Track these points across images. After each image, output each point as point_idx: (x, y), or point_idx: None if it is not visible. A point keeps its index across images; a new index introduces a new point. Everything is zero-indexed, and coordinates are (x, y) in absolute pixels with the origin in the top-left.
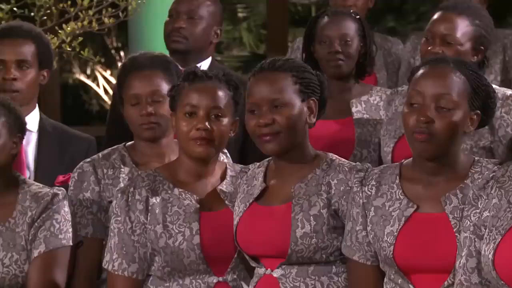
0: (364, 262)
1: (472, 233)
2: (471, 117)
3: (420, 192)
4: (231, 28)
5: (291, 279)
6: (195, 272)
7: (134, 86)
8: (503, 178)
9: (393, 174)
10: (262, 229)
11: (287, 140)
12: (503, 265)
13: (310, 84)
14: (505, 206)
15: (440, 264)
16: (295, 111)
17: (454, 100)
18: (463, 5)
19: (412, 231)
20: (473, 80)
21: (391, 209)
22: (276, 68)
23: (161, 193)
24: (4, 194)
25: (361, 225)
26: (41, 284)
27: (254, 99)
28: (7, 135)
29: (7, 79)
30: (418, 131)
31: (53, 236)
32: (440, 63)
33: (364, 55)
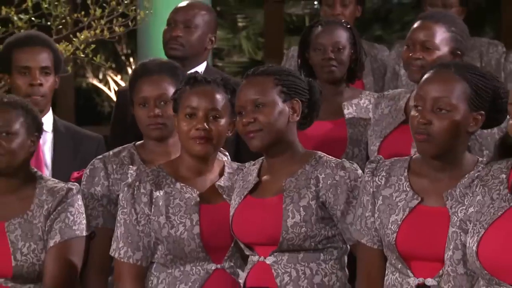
0: (371, 246)
1: (458, 228)
2: (475, 117)
3: (425, 186)
4: (231, 36)
5: (283, 266)
6: (195, 259)
7: (143, 90)
8: (487, 177)
9: (402, 167)
10: (256, 219)
11: (268, 136)
12: (486, 256)
13: (293, 86)
14: (488, 202)
15: (438, 253)
16: (276, 110)
17: (452, 102)
18: (440, 14)
19: (414, 221)
20: (475, 82)
21: (397, 199)
22: (258, 73)
23: (164, 187)
24: (22, 188)
25: (370, 211)
26: (57, 272)
27: (240, 101)
28: (25, 134)
29: (35, 85)
30: (418, 132)
31: (67, 227)
32: (442, 69)
33: (355, 61)
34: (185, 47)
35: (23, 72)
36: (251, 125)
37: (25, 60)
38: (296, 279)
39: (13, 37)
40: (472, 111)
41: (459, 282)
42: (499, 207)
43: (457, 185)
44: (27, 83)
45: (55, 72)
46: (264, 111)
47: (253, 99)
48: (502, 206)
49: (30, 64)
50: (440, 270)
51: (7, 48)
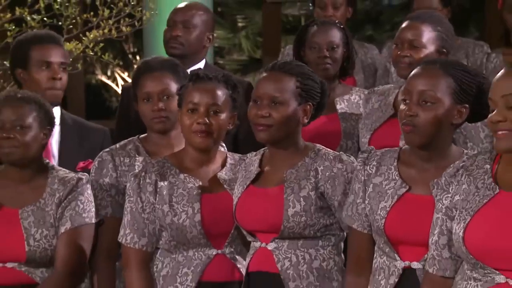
0: (361, 230)
1: (444, 214)
2: (459, 110)
3: (413, 175)
4: (231, 36)
5: (283, 251)
6: (197, 245)
7: (146, 85)
8: (472, 167)
9: (392, 158)
10: (258, 208)
11: (277, 133)
12: (472, 241)
13: (310, 90)
14: (473, 191)
15: (423, 239)
16: (290, 111)
17: (437, 96)
18: (426, 14)
19: (402, 208)
20: (459, 78)
21: (386, 187)
22: (284, 70)
23: (169, 177)
24: (35, 178)
25: (361, 198)
26: (68, 257)
27: (258, 92)
28: (38, 127)
29: (56, 79)
30: (405, 123)
31: (77, 214)
32: (429, 65)
33: (347, 59)
34: (184, 45)
35: (43, 67)
36: (264, 119)
37: (47, 55)
38: (296, 264)
39: (29, 35)
40: (456, 104)
41: (443, 266)
42: (484, 195)
43: (443, 174)
44: (48, 77)
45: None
46: (279, 109)
47: (272, 95)
48: (487, 195)
49: (51, 59)
50: (426, 254)
51: (24, 44)
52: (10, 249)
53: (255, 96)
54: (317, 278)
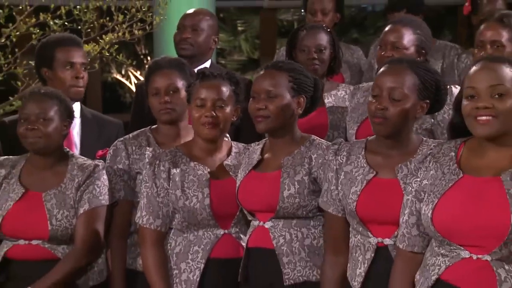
0: (336, 214)
1: (413, 197)
2: (421, 105)
3: (380, 162)
4: (232, 39)
5: (279, 229)
6: (206, 226)
7: (155, 81)
8: (438, 155)
9: (360, 147)
10: (257, 190)
11: (274, 123)
12: (439, 221)
13: (302, 84)
14: (440, 176)
15: (392, 217)
16: (284, 102)
17: (404, 92)
18: (407, 19)
19: (371, 191)
20: (422, 76)
21: (356, 174)
22: (277, 67)
23: (180, 165)
24: (57, 165)
25: (334, 185)
26: (86, 234)
27: (255, 88)
28: (59, 120)
29: (79, 77)
30: (376, 115)
31: (94, 197)
32: (396, 63)
33: (334, 60)
34: (193, 46)
35: (67, 67)
36: (262, 111)
37: (71, 56)
38: (290, 241)
39: (54, 38)
40: (420, 100)
41: (412, 242)
42: (449, 179)
43: (412, 160)
44: (72, 76)
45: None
46: (274, 101)
47: (267, 89)
48: (452, 179)
49: (74, 60)
50: (395, 231)
51: (49, 46)
52: (35, 229)
53: (253, 92)
54: (308, 254)
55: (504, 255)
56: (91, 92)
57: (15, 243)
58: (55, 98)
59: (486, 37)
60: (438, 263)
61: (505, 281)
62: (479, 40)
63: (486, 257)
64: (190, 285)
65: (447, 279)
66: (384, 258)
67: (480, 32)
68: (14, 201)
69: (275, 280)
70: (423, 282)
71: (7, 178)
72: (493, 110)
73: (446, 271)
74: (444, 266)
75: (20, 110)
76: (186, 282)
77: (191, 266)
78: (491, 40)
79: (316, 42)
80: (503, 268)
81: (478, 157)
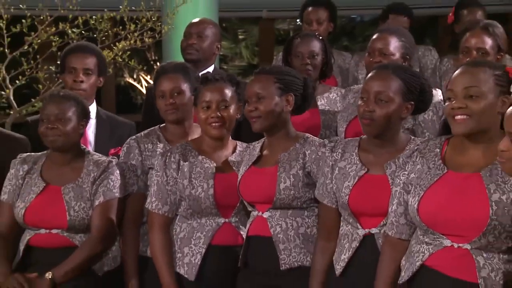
0: (330, 205)
1: (401, 188)
2: (406, 106)
3: (371, 160)
4: (233, 46)
5: (276, 219)
6: (209, 214)
7: (161, 85)
8: (425, 150)
9: (354, 146)
10: (257, 183)
11: (266, 122)
12: (424, 212)
13: (289, 83)
14: (426, 170)
15: (380, 210)
16: (273, 102)
17: (390, 95)
18: (393, 28)
19: (362, 186)
20: (406, 80)
21: (349, 170)
22: (264, 72)
23: (189, 158)
24: (74, 161)
25: (329, 179)
26: (101, 224)
27: (247, 93)
28: (76, 120)
29: (77, 81)
30: (364, 117)
31: (108, 190)
32: (383, 69)
33: (325, 65)
34: (198, 52)
35: (70, 72)
36: (254, 113)
37: (73, 62)
38: (286, 229)
39: (67, 47)
40: (404, 102)
41: (400, 230)
42: (434, 174)
43: (400, 155)
44: (72, 79)
45: (99, 73)
46: (263, 102)
47: (256, 92)
48: (437, 174)
49: (75, 65)
50: (382, 221)
51: (63, 54)
52: (54, 219)
53: (246, 97)
54: (302, 241)
55: (483, 244)
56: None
57: (37, 232)
58: (73, 100)
59: (472, 44)
60: (422, 250)
61: (484, 268)
62: (465, 46)
63: (466, 246)
64: (191, 268)
65: (431, 265)
66: (368, 247)
67: (466, 39)
68: (35, 194)
69: (272, 265)
70: (408, 267)
71: (29, 173)
72: (467, 110)
73: (429, 258)
74: (428, 253)
75: (41, 111)
76: (188, 265)
77: (194, 250)
78: (477, 47)
79: (309, 49)
80: (482, 256)
81: (460, 154)
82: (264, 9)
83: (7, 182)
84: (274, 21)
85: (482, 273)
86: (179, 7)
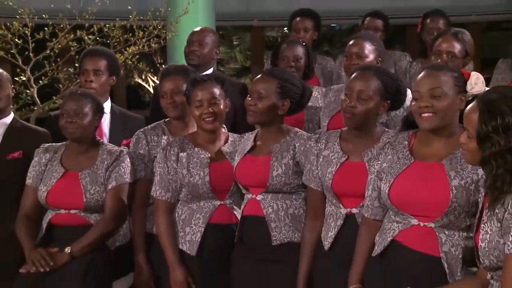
0: (316, 189)
1: (375, 176)
2: (383, 104)
3: (350, 148)
4: (229, 51)
5: (268, 201)
6: (206, 198)
7: (164, 85)
8: (395, 143)
9: (336, 136)
10: (251, 170)
11: (260, 118)
12: (394, 196)
13: (288, 91)
14: (395, 160)
15: (359, 192)
16: (270, 103)
17: (370, 94)
18: (366, 34)
19: (343, 171)
20: (385, 81)
21: (332, 157)
22: (271, 74)
23: (187, 150)
24: (90, 150)
25: (315, 166)
26: (113, 205)
27: (251, 87)
28: (92, 114)
29: (87, 81)
30: (347, 111)
31: (120, 176)
32: (365, 70)
33: (308, 67)
34: (199, 58)
35: (83, 73)
36: (252, 107)
37: (85, 64)
38: (276, 210)
39: (84, 51)
40: (382, 100)
41: (375, 212)
42: (403, 163)
43: (374, 146)
44: (84, 79)
45: (110, 73)
46: (262, 101)
47: (259, 91)
48: (405, 163)
49: (87, 67)
50: (361, 202)
51: (80, 58)
52: (73, 201)
53: (249, 90)
54: (291, 220)
55: (445, 223)
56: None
57: (57, 212)
58: (89, 97)
59: (443, 48)
60: (393, 228)
61: (445, 243)
62: (437, 50)
63: (431, 225)
64: (193, 244)
65: (400, 240)
66: (351, 225)
67: (439, 44)
68: (56, 179)
69: (265, 241)
70: (381, 242)
71: (51, 161)
72: (432, 108)
73: (399, 234)
74: (398, 230)
75: (61, 107)
76: (190, 242)
77: (194, 229)
78: (447, 50)
79: (294, 53)
80: (444, 233)
81: (425, 146)
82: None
83: (32, 168)
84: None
85: (444, 248)
86: (181, 17)
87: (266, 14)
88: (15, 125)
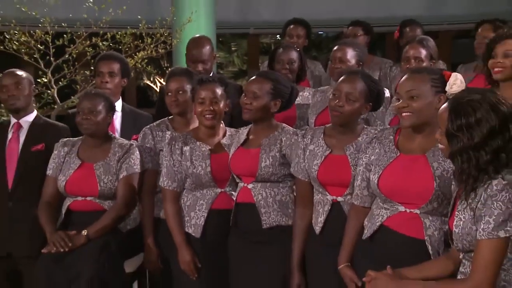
0: (304, 179)
1: (364, 168)
2: (366, 106)
3: (334, 143)
4: (227, 55)
5: (258, 189)
6: (208, 186)
7: (169, 85)
8: (381, 138)
9: (320, 132)
10: (243, 161)
11: (254, 115)
12: (383, 186)
13: (280, 92)
14: (383, 153)
15: (342, 182)
16: (263, 102)
17: (356, 96)
18: (348, 41)
19: (327, 163)
20: (369, 85)
21: (317, 151)
22: (265, 76)
23: (190, 144)
24: (103, 144)
25: (302, 159)
26: (124, 193)
27: (246, 87)
28: (105, 112)
29: (103, 82)
30: (334, 110)
31: (130, 166)
32: (353, 74)
33: (301, 70)
34: (205, 70)
35: (98, 75)
36: (247, 105)
37: (101, 67)
38: (265, 197)
39: (99, 55)
40: (366, 102)
41: (364, 200)
42: (390, 156)
43: (357, 141)
44: (100, 81)
45: (122, 75)
46: (256, 100)
47: (253, 91)
48: (392, 156)
49: (102, 70)
50: (345, 191)
51: (96, 61)
52: (88, 189)
53: (244, 90)
54: (279, 206)
55: (429, 209)
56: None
57: (75, 199)
58: (102, 97)
59: (410, 54)
60: (382, 214)
61: (429, 228)
62: (405, 56)
63: (416, 211)
64: (197, 227)
65: (388, 225)
66: (337, 211)
67: (406, 50)
68: (73, 170)
69: (256, 224)
70: (370, 226)
71: (69, 154)
72: (409, 108)
73: (387, 219)
74: (386, 216)
75: (78, 105)
76: (194, 225)
77: (198, 214)
78: (414, 56)
79: (288, 57)
80: (428, 218)
81: (409, 141)
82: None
83: (52, 160)
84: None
85: (428, 231)
86: (185, 25)
87: (262, 23)
88: (38, 121)
